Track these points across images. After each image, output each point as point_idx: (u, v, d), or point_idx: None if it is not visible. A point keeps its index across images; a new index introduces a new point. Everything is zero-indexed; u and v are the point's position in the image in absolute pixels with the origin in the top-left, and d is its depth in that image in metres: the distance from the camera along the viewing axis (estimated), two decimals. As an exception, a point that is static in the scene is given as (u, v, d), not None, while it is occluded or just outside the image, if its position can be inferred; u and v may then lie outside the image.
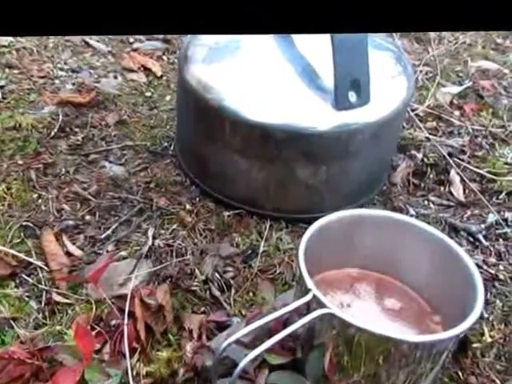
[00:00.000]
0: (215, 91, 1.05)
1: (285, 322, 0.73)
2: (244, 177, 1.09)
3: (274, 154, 1.04)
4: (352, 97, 0.97)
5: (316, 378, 0.73)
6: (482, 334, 0.91)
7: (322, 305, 0.64)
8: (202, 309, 0.95)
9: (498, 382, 0.86)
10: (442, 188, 1.23)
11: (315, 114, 1.01)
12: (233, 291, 0.99)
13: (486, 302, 0.98)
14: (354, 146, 1.03)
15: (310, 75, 1.05)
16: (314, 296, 0.65)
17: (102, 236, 1.06)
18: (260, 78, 1.05)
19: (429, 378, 0.71)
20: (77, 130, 1.32)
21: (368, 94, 0.98)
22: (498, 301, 0.99)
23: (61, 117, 1.33)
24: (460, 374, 0.87)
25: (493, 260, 1.07)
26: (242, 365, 0.59)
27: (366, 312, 0.80)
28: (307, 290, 0.66)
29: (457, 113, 1.47)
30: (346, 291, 0.83)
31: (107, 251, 1.03)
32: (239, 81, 1.06)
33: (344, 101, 0.97)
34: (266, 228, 1.10)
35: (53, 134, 1.29)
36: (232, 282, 1.00)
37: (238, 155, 1.06)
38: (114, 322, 0.88)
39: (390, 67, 1.11)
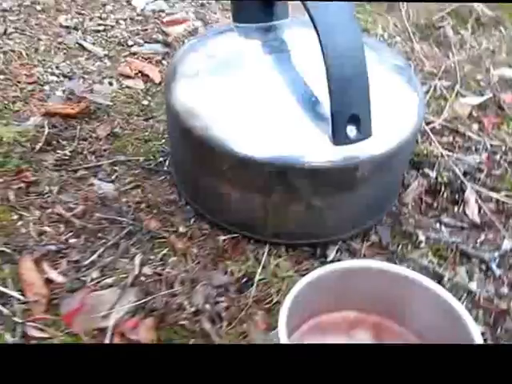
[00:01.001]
0: (201, 118, 1.02)
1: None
2: (239, 204, 1.07)
3: (267, 188, 1.02)
4: (351, 132, 0.94)
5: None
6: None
7: None
8: (192, 341, 0.93)
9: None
10: (456, 208, 1.21)
11: (310, 148, 0.97)
12: (225, 323, 0.97)
13: (496, 339, 0.97)
14: (355, 180, 1.01)
15: (309, 102, 1.01)
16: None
17: (87, 261, 1.05)
18: (252, 104, 1.02)
19: None
20: (64, 143, 1.31)
21: (369, 128, 0.95)
22: (507, 339, 0.97)
23: (47, 129, 1.32)
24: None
25: (505, 291, 1.04)
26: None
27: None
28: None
29: (475, 126, 1.45)
30: (342, 337, 0.82)
31: (92, 279, 1.02)
32: (228, 107, 1.03)
33: (342, 136, 0.94)
34: (263, 254, 1.09)
35: (38, 148, 1.28)
36: (224, 313, 0.98)
37: (230, 185, 1.05)
38: (92, 361, 0.86)
39: (398, 90, 1.08)
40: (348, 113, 0.93)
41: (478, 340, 0.70)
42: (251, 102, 1.02)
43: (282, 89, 1.03)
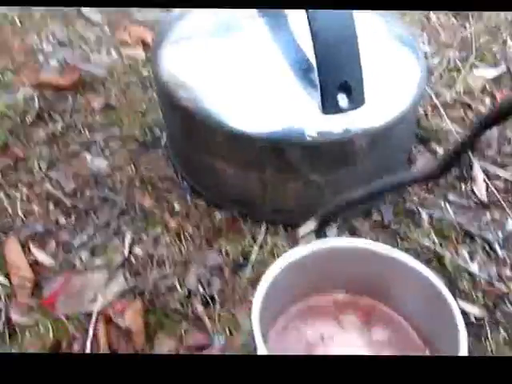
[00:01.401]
0: (189, 89, 0.99)
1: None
2: (234, 180, 1.05)
3: (261, 163, 0.99)
4: (342, 100, 0.91)
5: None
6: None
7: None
8: (183, 325, 0.92)
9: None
10: (464, 186, 1.18)
11: (304, 121, 0.94)
12: (218, 306, 0.96)
13: (495, 322, 0.95)
14: (353, 154, 0.99)
15: (304, 70, 0.97)
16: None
17: (77, 242, 1.04)
18: (243, 74, 0.98)
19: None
20: (56, 116, 1.29)
21: (362, 96, 0.92)
22: (505, 322, 0.96)
23: (38, 101, 1.30)
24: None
25: (508, 273, 1.02)
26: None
27: (349, 347, 0.77)
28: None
29: (488, 100, 1.41)
30: (330, 321, 0.80)
31: (81, 260, 1.01)
32: (218, 77, 0.99)
33: (332, 105, 0.91)
34: (261, 232, 1.07)
35: (27, 121, 1.26)
36: (218, 295, 0.97)
37: (223, 161, 1.02)
38: (76, 347, 0.86)
39: (399, 60, 1.05)
40: (338, 80, 0.90)
41: (461, 327, 0.68)
42: (242, 72, 0.99)
43: (275, 57, 0.99)
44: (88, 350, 0.85)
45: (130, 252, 1.02)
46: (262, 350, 0.63)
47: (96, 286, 0.96)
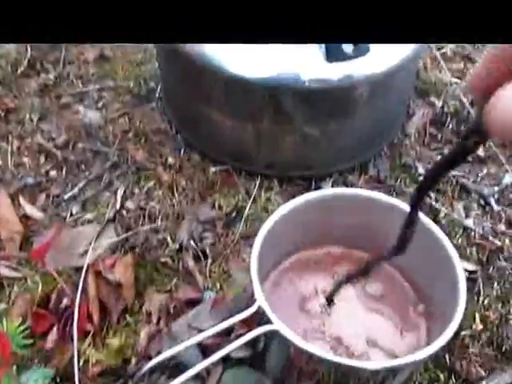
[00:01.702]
0: None
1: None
2: (230, 130, 1.03)
3: (259, 113, 0.97)
4: (347, 47, 0.89)
5: (278, 369, 0.69)
6: (474, 320, 0.86)
7: (268, 318, 0.60)
8: (174, 280, 0.91)
9: (482, 371, 0.83)
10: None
11: (305, 67, 0.92)
12: (209, 261, 0.94)
13: (488, 277, 0.95)
14: (352, 103, 0.97)
15: None
16: (260, 307, 0.60)
17: (68, 195, 1.03)
18: None
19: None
20: (49, 66, 1.27)
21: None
22: (498, 277, 0.95)
23: (30, 51, 1.27)
24: (447, 357, 0.84)
25: (502, 228, 1.01)
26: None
27: (345, 299, 0.75)
28: (254, 299, 0.61)
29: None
30: (325, 274, 0.79)
31: (71, 214, 0.99)
32: None
33: (337, 52, 0.89)
34: (255, 186, 1.05)
35: (19, 72, 1.23)
36: (209, 250, 0.95)
37: (220, 112, 1.00)
38: (65, 301, 0.84)
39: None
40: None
41: (461, 274, 0.66)
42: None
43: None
44: (77, 304, 0.83)
45: (122, 206, 1.01)
46: (260, 300, 0.61)
47: (86, 240, 0.94)
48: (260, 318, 0.62)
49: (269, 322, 0.58)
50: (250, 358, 0.75)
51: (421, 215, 0.72)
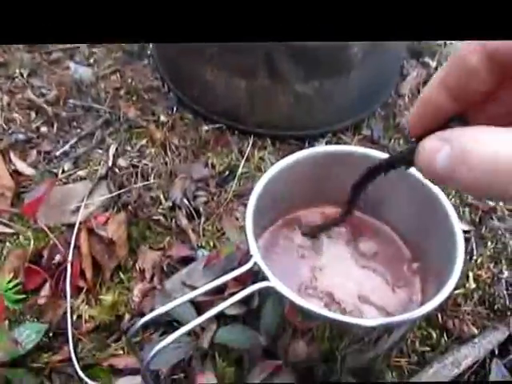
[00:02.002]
0: None
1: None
2: (224, 88, 1.02)
3: (253, 70, 0.96)
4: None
5: (272, 327, 0.69)
6: (467, 278, 0.86)
7: (264, 275, 0.59)
8: (167, 238, 0.90)
9: (474, 329, 0.84)
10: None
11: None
12: (202, 219, 0.93)
13: (481, 237, 0.95)
14: (347, 60, 0.95)
15: None
16: (256, 263, 0.59)
17: (59, 152, 1.02)
18: None
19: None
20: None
21: None
22: (490, 237, 0.94)
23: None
24: (439, 316, 0.84)
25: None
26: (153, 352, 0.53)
27: (336, 258, 0.75)
28: (250, 255, 0.60)
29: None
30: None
31: (63, 170, 0.98)
32: None
33: None
34: (248, 145, 1.04)
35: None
36: (203, 208, 0.94)
37: (213, 65, 0.99)
38: (58, 258, 0.84)
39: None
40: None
41: (459, 235, 0.65)
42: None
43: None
44: (70, 261, 0.83)
45: (114, 163, 0.99)
46: (256, 256, 0.60)
47: (78, 197, 0.93)
48: (254, 275, 0.62)
49: (264, 278, 0.57)
50: (243, 316, 0.75)
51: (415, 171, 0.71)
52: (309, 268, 0.73)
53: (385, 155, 0.72)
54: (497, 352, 0.81)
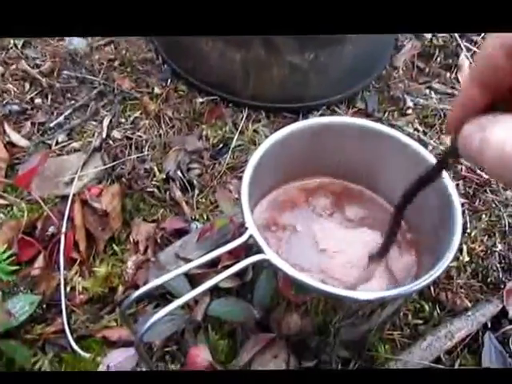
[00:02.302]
0: None
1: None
2: (218, 60, 1.01)
3: (248, 41, 0.96)
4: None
5: (266, 299, 0.68)
6: (461, 252, 0.86)
7: (259, 247, 0.58)
8: (161, 210, 0.89)
9: (467, 302, 0.83)
10: (449, 74, 1.14)
11: None
12: (196, 191, 0.92)
13: (474, 210, 0.94)
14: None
15: None
16: (252, 236, 0.59)
17: (53, 123, 1.00)
18: None
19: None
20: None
21: None
22: (485, 210, 0.94)
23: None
24: (432, 289, 0.84)
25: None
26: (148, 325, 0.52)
27: (326, 230, 0.74)
28: (245, 228, 0.59)
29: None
30: (305, 206, 0.77)
31: (57, 142, 0.97)
32: None
33: None
34: (242, 118, 1.03)
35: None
36: (196, 181, 0.93)
37: (208, 39, 0.98)
38: (51, 229, 0.83)
39: None
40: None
41: (457, 205, 0.64)
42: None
43: None
44: (63, 233, 0.82)
45: (108, 135, 0.98)
46: (252, 229, 0.59)
47: (72, 169, 0.92)
48: (248, 248, 0.61)
49: (259, 251, 0.56)
50: (237, 289, 0.74)
51: (412, 141, 0.70)
52: (304, 242, 0.72)
53: (382, 126, 0.71)
54: (489, 325, 0.80)
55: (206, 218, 0.89)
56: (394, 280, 0.67)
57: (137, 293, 0.52)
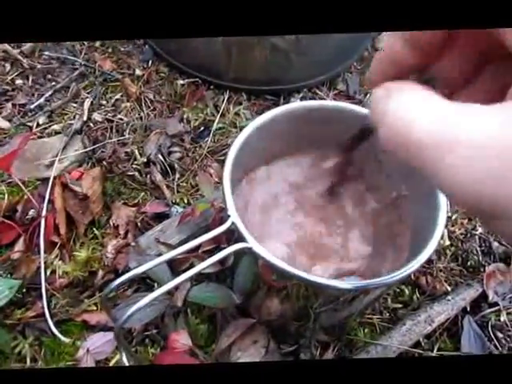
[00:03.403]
0: None
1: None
2: (200, 41, 0.99)
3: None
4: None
5: (247, 285, 0.67)
6: (442, 237, 0.84)
7: (241, 235, 0.56)
8: (141, 194, 0.87)
9: (447, 286, 0.82)
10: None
11: None
12: (177, 175, 0.90)
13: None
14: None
15: None
16: (233, 223, 0.57)
17: (34, 105, 0.98)
18: None
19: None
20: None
21: None
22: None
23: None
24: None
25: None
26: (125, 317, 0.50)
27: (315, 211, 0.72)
28: (228, 216, 0.57)
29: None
30: (280, 180, 0.74)
31: (38, 124, 0.94)
32: None
33: None
34: (223, 100, 1.01)
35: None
36: (177, 164, 0.91)
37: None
38: (31, 213, 0.80)
39: None
40: None
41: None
42: None
43: None
44: (44, 216, 0.80)
45: (89, 117, 0.96)
46: (233, 217, 0.57)
47: (53, 152, 0.89)
48: (230, 233, 0.59)
49: (241, 239, 0.55)
50: (218, 274, 0.73)
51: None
52: (286, 224, 0.70)
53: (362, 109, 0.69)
54: (469, 309, 0.79)
55: (186, 201, 0.87)
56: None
57: (117, 281, 0.50)
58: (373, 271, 0.65)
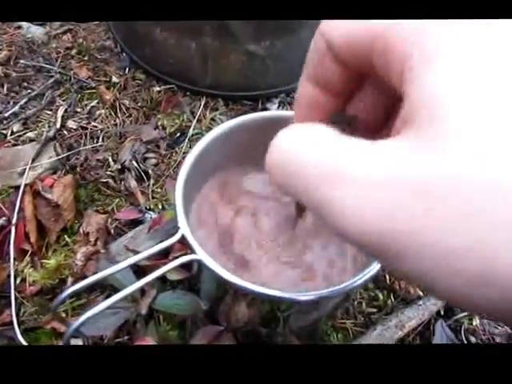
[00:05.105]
0: None
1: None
2: (175, 49, 0.98)
3: (203, 29, 0.92)
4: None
5: (212, 291, 0.66)
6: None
7: (190, 247, 0.55)
8: (116, 201, 0.86)
9: (420, 291, 0.81)
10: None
11: None
12: (152, 181, 0.90)
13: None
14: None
15: None
16: (183, 236, 0.56)
17: (9, 113, 0.97)
18: None
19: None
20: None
21: None
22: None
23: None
24: (387, 277, 0.82)
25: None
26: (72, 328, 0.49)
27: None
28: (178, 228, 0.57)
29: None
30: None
31: (12, 132, 0.93)
32: None
33: None
34: (200, 106, 1.00)
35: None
36: (152, 170, 0.91)
37: (164, 28, 0.95)
38: (1, 221, 0.80)
39: None
40: None
41: None
42: None
43: None
44: (14, 223, 0.79)
45: (63, 125, 0.95)
46: (183, 229, 0.56)
47: (26, 159, 0.88)
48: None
49: (192, 251, 0.54)
50: (185, 281, 0.72)
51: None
52: (242, 232, 0.69)
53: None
54: (442, 313, 0.78)
55: (161, 207, 0.86)
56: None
57: (68, 290, 0.49)
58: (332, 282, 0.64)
